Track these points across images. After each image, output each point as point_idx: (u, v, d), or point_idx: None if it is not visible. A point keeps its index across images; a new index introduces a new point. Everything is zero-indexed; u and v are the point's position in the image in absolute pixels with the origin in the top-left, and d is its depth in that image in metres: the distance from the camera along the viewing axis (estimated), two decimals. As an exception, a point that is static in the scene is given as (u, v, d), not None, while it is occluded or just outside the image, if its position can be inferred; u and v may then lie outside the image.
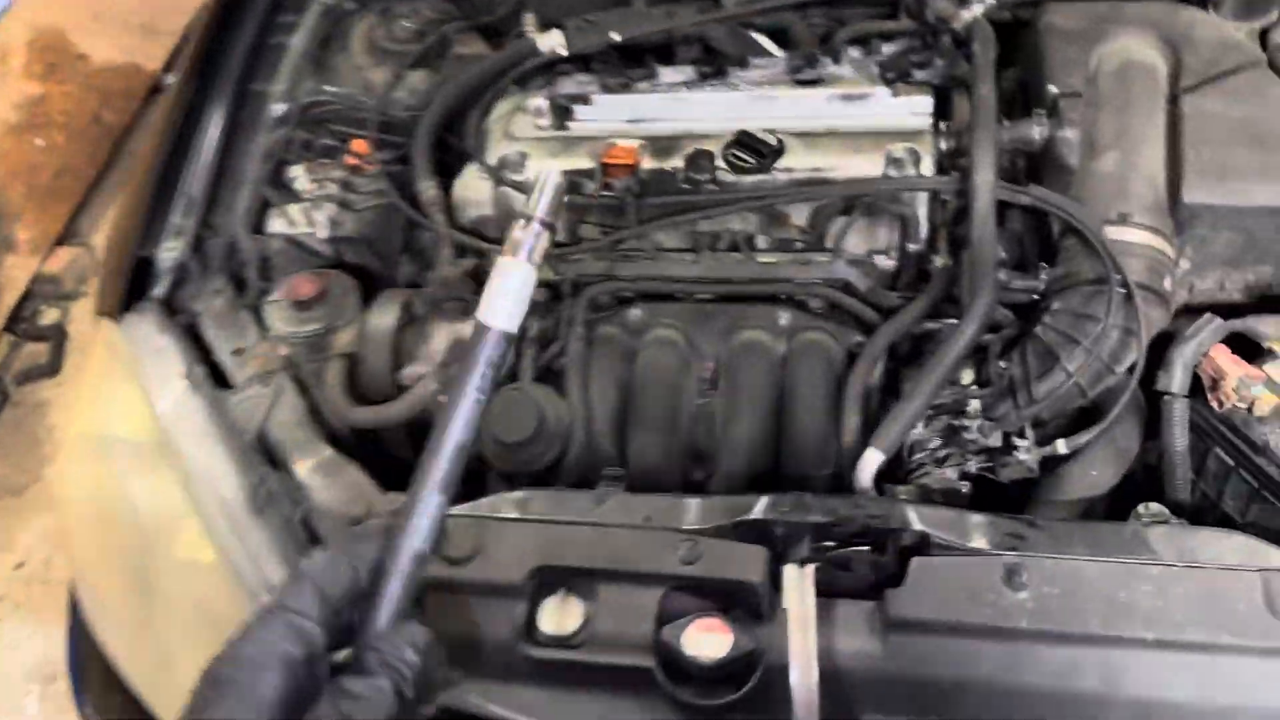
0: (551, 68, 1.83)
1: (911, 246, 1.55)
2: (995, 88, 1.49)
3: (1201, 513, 1.40)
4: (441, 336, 1.52)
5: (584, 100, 1.76)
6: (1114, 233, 1.38)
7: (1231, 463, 1.34)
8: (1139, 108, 1.49)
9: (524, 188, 1.62)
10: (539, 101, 1.75)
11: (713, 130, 1.67)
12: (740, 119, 1.71)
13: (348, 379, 1.51)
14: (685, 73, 1.76)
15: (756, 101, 1.71)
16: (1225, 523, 1.37)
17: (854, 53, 1.82)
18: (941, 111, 1.68)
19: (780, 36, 1.89)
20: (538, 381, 1.49)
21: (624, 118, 1.74)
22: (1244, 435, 1.31)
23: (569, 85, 1.77)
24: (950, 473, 1.38)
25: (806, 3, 1.83)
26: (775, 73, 1.74)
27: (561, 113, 1.76)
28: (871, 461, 1.30)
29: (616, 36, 1.73)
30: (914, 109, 1.67)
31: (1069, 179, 1.48)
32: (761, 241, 1.60)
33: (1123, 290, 1.34)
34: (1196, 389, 1.37)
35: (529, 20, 1.84)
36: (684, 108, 1.73)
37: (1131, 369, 1.35)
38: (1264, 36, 1.72)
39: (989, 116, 1.44)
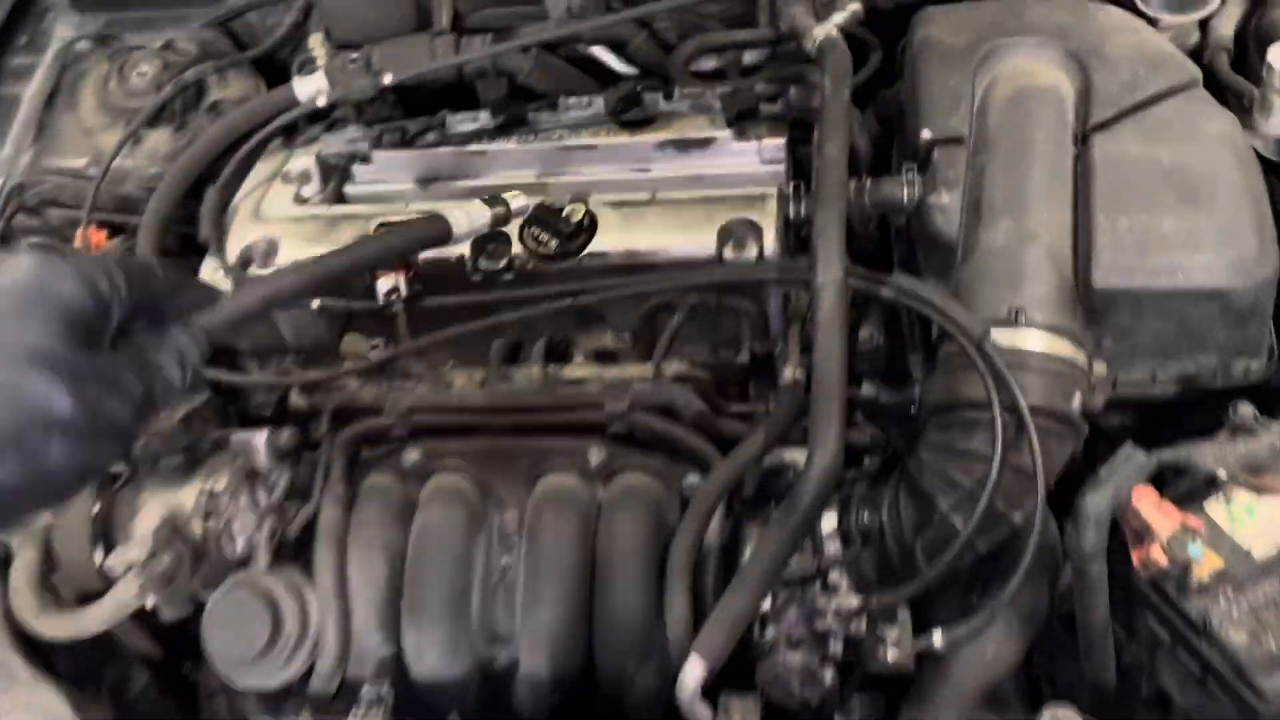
0: (324, 120, 1.47)
1: (758, 348, 1.22)
2: (848, 140, 1.14)
3: (1132, 680, 1.09)
4: (153, 510, 1.18)
5: (361, 160, 1.41)
6: (1005, 336, 1.05)
7: (1166, 638, 1.03)
8: (1037, 154, 1.14)
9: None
10: (302, 164, 1.39)
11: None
12: (549, 178, 1.36)
13: (43, 570, 1.17)
14: (482, 119, 1.40)
15: (569, 154, 1.36)
16: (1161, 701, 1.07)
17: (709, 62, 1.47)
18: (806, 138, 1.35)
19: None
20: (282, 559, 1.16)
21: (406, 182, 1.39)
22: (1180, 610, 1.00)
23: (337, 143, 1.41)
24: (809, 657, 1.07)
25: (636, 17, 1.47)
26: (594, 113, 1.39)
27: (332, 178, 1.40)
28: (694, 674, 0.98)
29: (388, 78, 1.37)
30: (765, 155, 1.32)
31: (948, 257, 1.14)
32: (580, 347, 1.27)
33: (1014, 415, 1.02)
34: (1116, 532, 1.05)
35: (315, 44, 1.47)
36: (479, 166, 1.38)
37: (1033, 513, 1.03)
38: (1204, 28, 1.38)
39: (836, 188, 1.09)
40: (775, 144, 1.31)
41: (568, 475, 1.18)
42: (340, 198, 1.42)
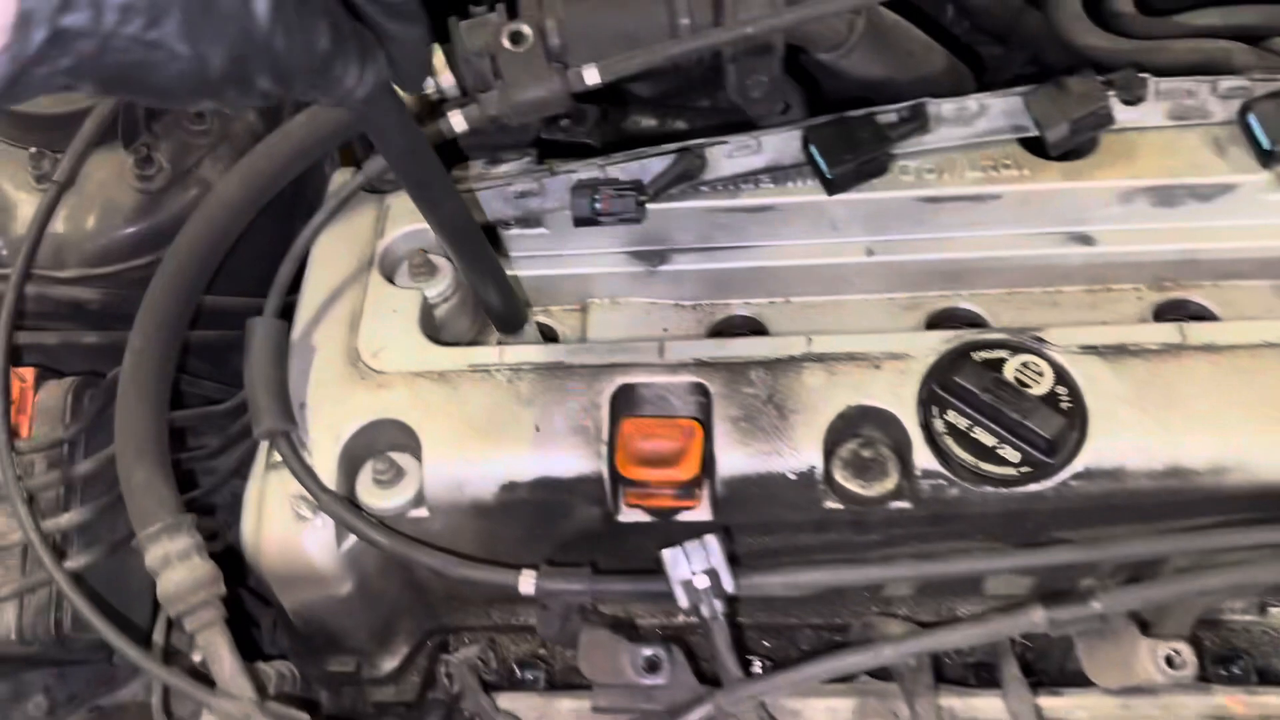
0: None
1: None
2: None
3: None
4: None
5: (518, 221, 0.74)
6: None
7: None
8: None
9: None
10: (413, 233, 0.73)
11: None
12: (895, 252, 0.74)
13: None
14: (770, 148, 0.72)
15: (936, 210, 0.72)
16: None
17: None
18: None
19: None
20: None
21: (616, 261, 0.75)
22: None
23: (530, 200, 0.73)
24: None
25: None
26: (981, 131, 0.73)
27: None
28: None
29: (592, 75, 0.68)
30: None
31: None
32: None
33: None
34: None
35: None
36: (762, 229, 0.73)
37: None
38: None
39: None
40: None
41: None
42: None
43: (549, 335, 0.77)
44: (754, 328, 0.75)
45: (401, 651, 0.75)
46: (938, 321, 0.74)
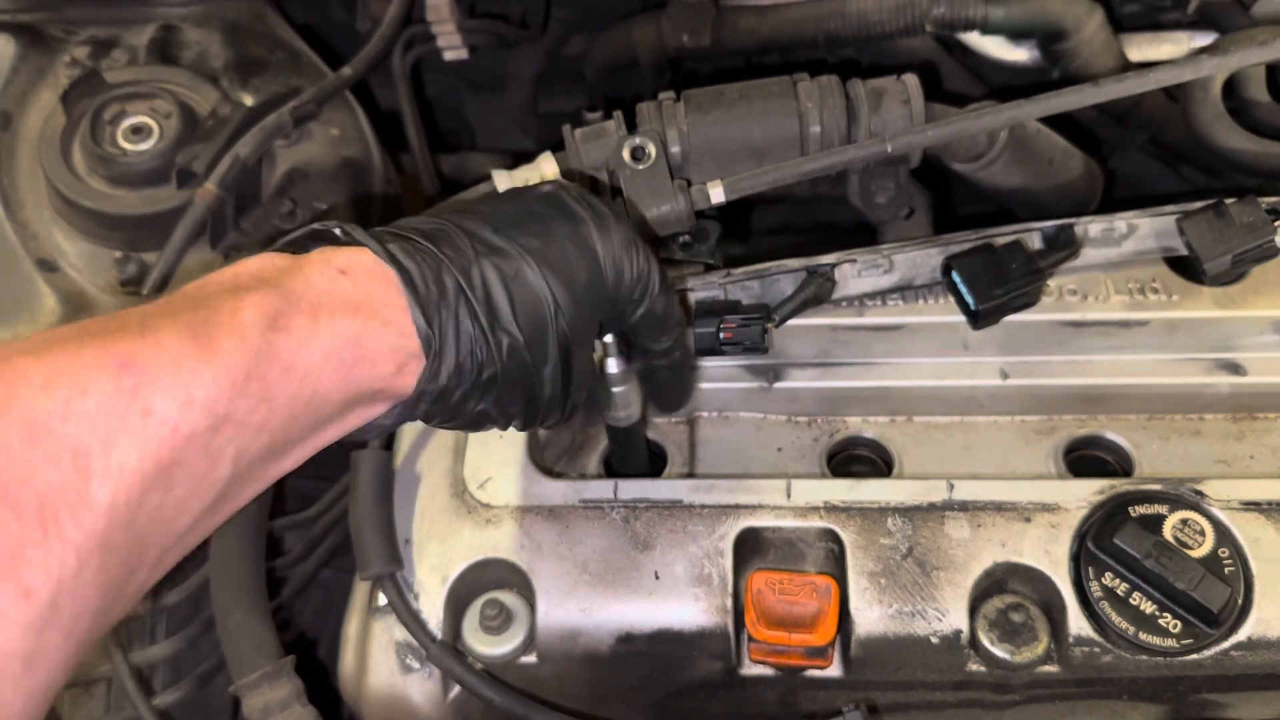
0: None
1: None
2: None
3: None
4: None
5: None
6: None
7: None
8: None
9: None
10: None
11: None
12: (1032, 376, 0.70)
13: None
14: (917, 262, 0.67)
15: (1080, 335, 0.68)
16: None
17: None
18: None
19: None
20: None
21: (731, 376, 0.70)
22: None
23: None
24: None
25: None
26: (1133, 249, 0.68)
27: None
28: None
29: (718, 193, 0.63)
30: None
31: None
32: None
33: None
34: None
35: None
36: (888, 350, 0.69)
37: None
38: None
39: None
40: None
41: None
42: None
43: (656, 452, 0.73)
44: (878, 450, 0.71)
45: (500, 790, 0.72)
46: (1076, 449, 0.70)
